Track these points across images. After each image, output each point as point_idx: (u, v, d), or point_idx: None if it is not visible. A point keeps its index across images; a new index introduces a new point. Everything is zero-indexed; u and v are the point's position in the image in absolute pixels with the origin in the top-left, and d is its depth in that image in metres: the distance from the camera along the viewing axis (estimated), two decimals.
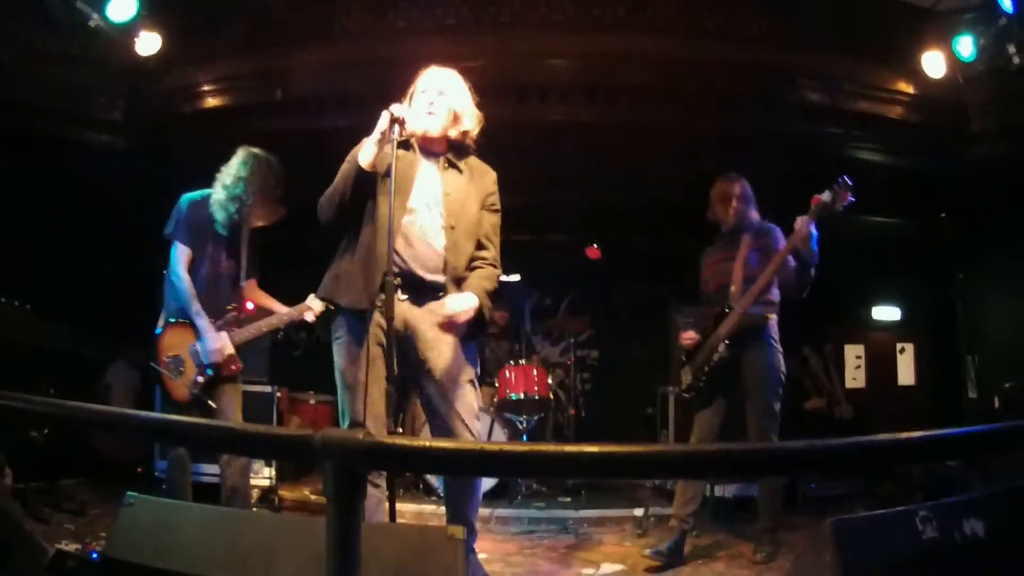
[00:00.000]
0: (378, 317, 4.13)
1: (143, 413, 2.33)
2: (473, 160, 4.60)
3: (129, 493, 2.94)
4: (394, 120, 4.05)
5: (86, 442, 8.52)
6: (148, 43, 8.03)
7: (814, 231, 5.62)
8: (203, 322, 5.49)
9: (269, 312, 5.84)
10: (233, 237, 5.80)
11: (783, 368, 5.96)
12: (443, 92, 4.44)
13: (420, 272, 4.28)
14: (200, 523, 2.83)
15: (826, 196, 5.54)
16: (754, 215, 6.19)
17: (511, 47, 8.27)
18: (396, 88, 4.60)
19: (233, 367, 5.65)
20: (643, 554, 5.76)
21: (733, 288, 5.94)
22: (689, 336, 6.21)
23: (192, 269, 5.60)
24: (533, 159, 8.52)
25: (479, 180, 4.53)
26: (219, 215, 5.61)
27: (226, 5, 8.77)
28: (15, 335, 7.30)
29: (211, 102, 8.77)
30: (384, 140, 4.10)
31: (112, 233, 9.37)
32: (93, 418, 2.33)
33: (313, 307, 5.65)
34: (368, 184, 4.16)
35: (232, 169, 5.67)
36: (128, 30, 7.90)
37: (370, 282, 4.18)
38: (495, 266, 4.47)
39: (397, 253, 4.20)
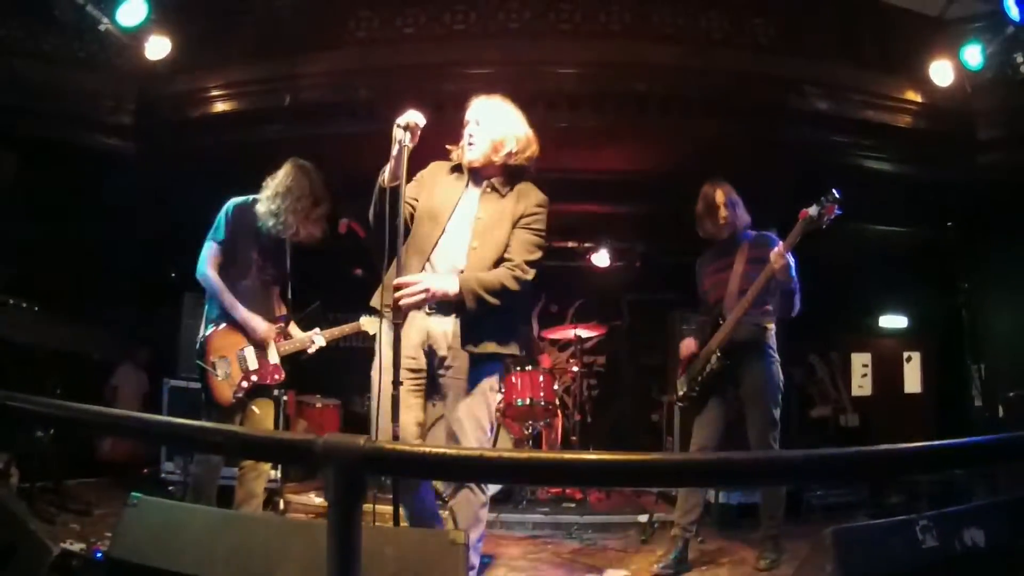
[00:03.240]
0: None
1: (148, 416, 2.35)
2: (524, 185, 4.66)
3: (134, 494, 2.96)
4: (405, 128, 4.12)
5: (92, 444, 8.57)
6: (157, 48, 8.08)
7: (791, 259, 5.53)
8: (241, 312, 5.50)
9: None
10: (278, 248, 5.78)
11: (781, 377, 5.93)
12: (480, 122, 4.54)
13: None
14: (204, 525, 2.85)
15: (813, 210, 5.38)
16: (744, 217, 6.10)
17: (519, 55, 8.30)
18: (403, 95, 4.64)
19: (277, 376, 5.68)
20: (653, 571, 5.75)
21: (727, 301, 5.90)
22: (688, 346, 6.22)
23: (236, 277, 5.58)
24: (539, 167, 8.54)
25: (519, 202, 4.56)
26: (263, 226, 5.59)
27: (235, 11, 8.82)
28: (23, 336, 7.32)
29: (220, 107, 8.80)
30: (400, 152, 4.14)
31: (120, 236, 9.41)
32: (99, 420, 2.35)
33: (316, 342, 5.85)
34: (393, 199, 4.18)
35: (275, 181, 5.63)
36: (138, 35, 7.95)
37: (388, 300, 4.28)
38: (511, 269, 4.41)
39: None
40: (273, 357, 5.65)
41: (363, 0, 8.62)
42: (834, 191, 5.35)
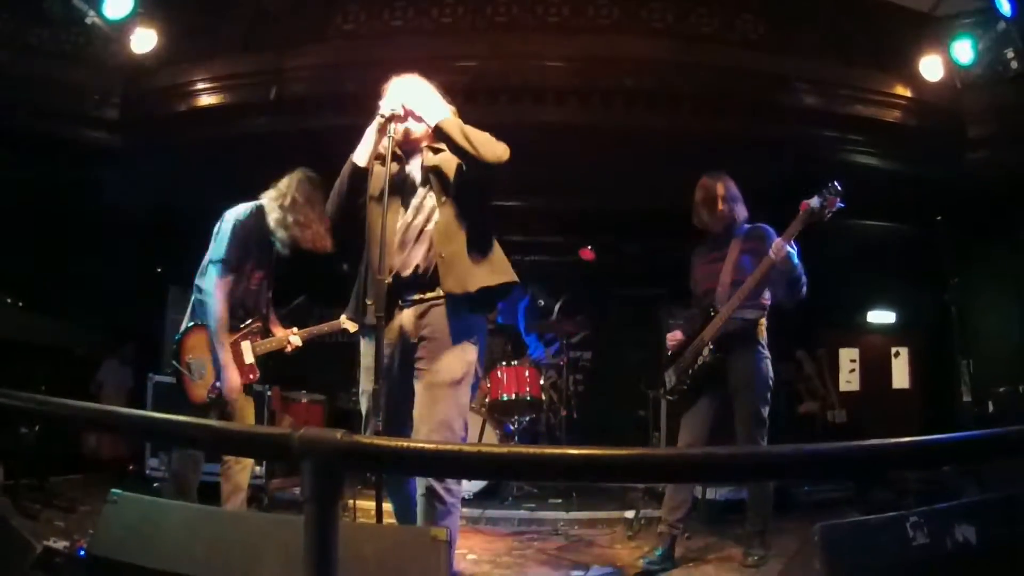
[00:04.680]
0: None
1: (129, 411, 2.31)
2: None
3: (113, 491, 2.93)
4: (390, 118, 4.10)
5: (77, 441, 8.51)
6: (144, 41, 8.05)
7: (792, 250, 5.43)
8: (225, 356, 5.45)
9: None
10: (270, 253, 5.75)
11: (771, 373, 5.82)
12: (420, 99, 4.39)
13: (410, 272, 4.23)
14: (183, 521, 2.82)
15: (815, 202, 5.35)
16: (742, 212, 6.00)
17: (506, 48, 8.27)
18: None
19: (252, 376, 5.69)
20: (639, 567, 5.73)
21: (719, 291, 5.81)
22: (674, 337, 6.12)
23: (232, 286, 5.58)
24: (527, 160, 8.50)
25: None
26: (273, 237, 5.58)
27: (221, 4, 8.78)
28: (7, 332, 7.28)
29: (206, 101, 8.76)
30: (381, 140, 4.14)
31: (106, 231, 9.36)
32: (82, 415, 2.32)
33: (292, 342, 5.86)
34: (362, 182, 4.20)
35: (287, 191, 5.61)
36: (124, 27, 7.91)
37: (368, 297, 4.17)
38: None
39: (392, 266, 4.21)
40: (248, 357, 5.66)
41: None
42: (835, 183, 5.34)
